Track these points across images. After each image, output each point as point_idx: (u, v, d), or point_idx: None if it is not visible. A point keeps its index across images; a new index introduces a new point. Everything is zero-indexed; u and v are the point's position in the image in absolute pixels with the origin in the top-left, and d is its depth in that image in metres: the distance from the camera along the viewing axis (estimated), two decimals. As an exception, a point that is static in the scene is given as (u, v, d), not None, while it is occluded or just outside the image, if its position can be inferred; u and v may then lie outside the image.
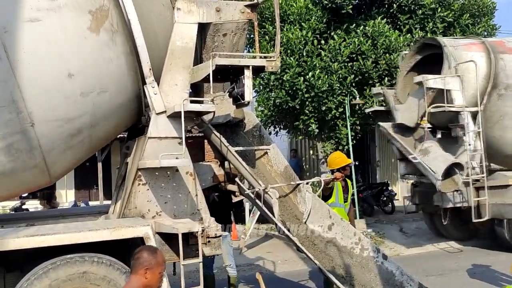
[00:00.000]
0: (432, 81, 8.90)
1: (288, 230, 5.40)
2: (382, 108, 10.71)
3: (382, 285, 5.42)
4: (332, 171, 6.56)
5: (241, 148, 5.64)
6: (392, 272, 5.53)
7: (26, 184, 4.80)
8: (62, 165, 4.76)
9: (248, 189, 5.44)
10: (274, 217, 5.22)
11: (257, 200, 5.34)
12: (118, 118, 4.92)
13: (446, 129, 9.58)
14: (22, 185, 4.75)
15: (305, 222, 5.52)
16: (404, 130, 9.64)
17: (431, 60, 9.83)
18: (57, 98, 4.38)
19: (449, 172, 8.58)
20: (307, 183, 5.78)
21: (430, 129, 9.16)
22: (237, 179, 5.62)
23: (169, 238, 4.63)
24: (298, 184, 5.68)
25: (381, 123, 10.20)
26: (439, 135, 9.57)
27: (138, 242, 4.33)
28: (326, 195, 6.38)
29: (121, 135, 6.22)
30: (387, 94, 10.11)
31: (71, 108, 4.47)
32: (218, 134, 5.37)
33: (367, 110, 11.68)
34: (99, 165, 14.05)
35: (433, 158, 8.71)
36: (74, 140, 4.60)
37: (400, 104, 9.82)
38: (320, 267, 5.35)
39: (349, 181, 6.75)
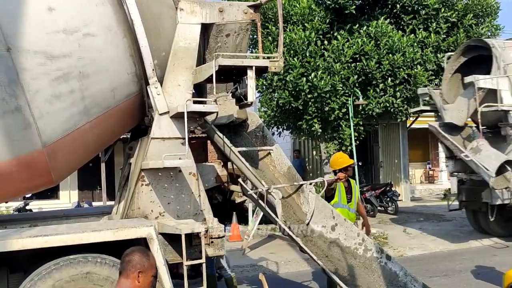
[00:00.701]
0: (483, 81, 9.22)
1: (291, 231, 5.38)
2: (428, 108, 11.00)
3: (386, 285, 5.40)
4: (335, 172, 6.55)
5: (244, 149, 5.63)
6: (396, 272, 5.51)
7: (14, 145, 4.27)
8: (51, 122, 4.36)
9: (251, 189, 5.43)
10: (277, 217, 5.21)
11: (260, 201, 5.33)
12: (113, 81, 4.65)
13: (491, 128, 10.00)
14: (8, 144, 4.26)
15: (308, 223, 5.51)
16: (451, 129, 10.01)
17: (473, 61, 10.24)
18: (36, 31, 4.20)
19: (500, 169, 8.92)
20: (310, 184, 5.77)
21: (481, 128, 9.48)
22: (240, 180, 5.61)
23: (172, 239, 4.63)
24: (302, 185, 5.66)
25: (430, 123, 10.69)
26: (489, 134, 10.04)
27: (141, 242, 4.33)
28: (328, 196, 6.37)
29: (124, 136, 6.22)
30: (434, 94, 10.48)
31: (53, 44, 4.26)
32: (221, 134, 5.36)
33: (411, 111, 11.91)
34: (102, 165, 14.05)
35: (486, 155, 9.10)
36: (63, 87, 4.34)
37: (448, 104, 10.16)
38: (323, 268, 5.33)
39: (352, 181, 6.73)
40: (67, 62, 4.35)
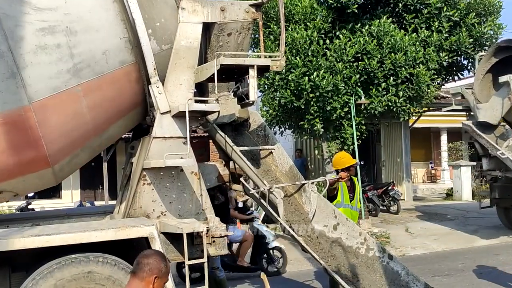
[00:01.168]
0: None
1: (293, 230, 5.37)
2: (459, 107, 11.20)
3: (388, 285, 5.39)
4: (337, 171, 6.54)
5: (245, 148, 5.63)
6: (398, 272, 5.50)
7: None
8: (37, 75, 4.20)
9: (253, 189, 5.42)
10: (279, 217, 5.20)
11: (262, 200, 5.32)
12: (104, 43, 4.53)
13: None
14: None
15: (310, 222, 5.50)
16: (484, 128, 10.31)
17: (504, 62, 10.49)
18: None
19: None
20: (312, 183, 5.76)
21: None
22: (242, 179, 5.61)
23: (174, 238, 4.63)
24: (303, 184, 5.66)
25: (464, 122, 11.03)
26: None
27: (143, 242, 4.33)
28: (331, 196, 6.36)
29: (126, 135, 6.21)
30: (467, 94, 10.84)
31: None
32: (222, 134, 5.35)
33: (444, 110, 12.13)
34: (105, 165, 14.11)
35: None
36: (48, 39, 4.24)
37: (482, 103, 10.46)
38: (325, 267, 5.32)
39: (355, 178, 6.72)
40: (53, 15, 4.29)
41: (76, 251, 4.13)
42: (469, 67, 13.99)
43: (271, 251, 8.56)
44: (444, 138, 22.74)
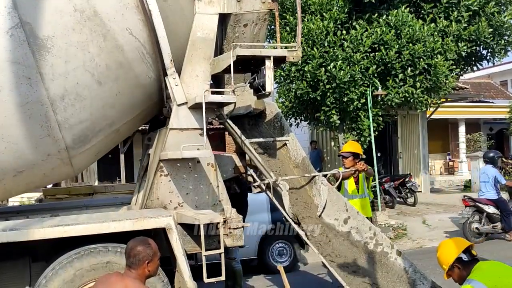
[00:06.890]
0: None
1: (296, 223, 5.30)
2: None
3: (394, 282, 5.25)
4: (342, 156, 6.69)
5: (256, 140, 5.60)
6: (405, 269, 5.33)
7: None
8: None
9: (261, 180, 5.39)
10: (284, 209, 5.17)
11: (267, 192, 5.31)
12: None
13: None
14: None
15: (320, 215, 5.45)
16: None
17: None
18: None
19: None
20: (324, 175, 5.72)
21: None
22: (250, 171, 5.60)
23: (191, 229, 4.65)
24: (314, 176, 5.61)
25: None
26: None
27: (160, 233, 4.36)
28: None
29: (143, 127, 6.25)
30: None
31: None
32: (234, 126, 5.33)
33: None
34: (122, 157, 14.18)
35: None
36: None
37: None
38: (324, 262, 5.21)
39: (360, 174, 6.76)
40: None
41: (94, 241, 4.19)
42: (488, 57, 13.77)
43: None
44: (462, 129, 22.48)
